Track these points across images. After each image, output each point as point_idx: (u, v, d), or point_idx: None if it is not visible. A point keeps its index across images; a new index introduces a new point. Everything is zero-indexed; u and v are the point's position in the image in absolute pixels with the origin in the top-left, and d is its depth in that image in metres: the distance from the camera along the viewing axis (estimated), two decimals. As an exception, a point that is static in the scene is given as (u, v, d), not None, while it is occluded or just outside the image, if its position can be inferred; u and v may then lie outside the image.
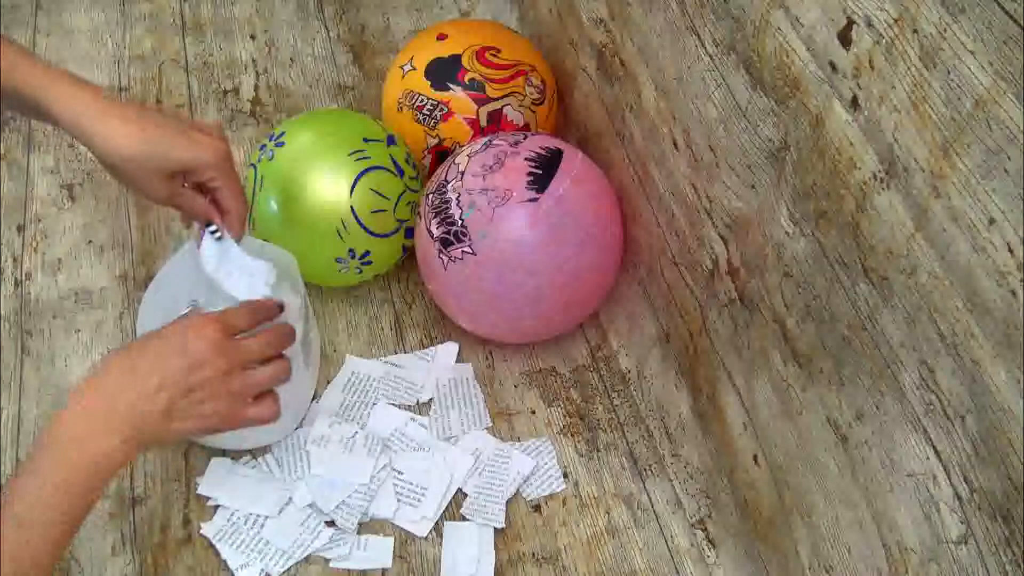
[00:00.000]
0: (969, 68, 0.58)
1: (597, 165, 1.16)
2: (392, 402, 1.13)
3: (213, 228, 0.94)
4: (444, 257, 1.08)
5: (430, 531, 1.03)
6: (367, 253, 1.15)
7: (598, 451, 1.12)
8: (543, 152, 1.10)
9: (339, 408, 1.12)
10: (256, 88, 1.49)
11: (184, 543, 1.01)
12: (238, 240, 0.95)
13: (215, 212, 0.94)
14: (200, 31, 1.57)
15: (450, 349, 1.19)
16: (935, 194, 0.63)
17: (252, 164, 1.17)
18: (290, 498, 1.03)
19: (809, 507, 0.86)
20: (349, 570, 1.00)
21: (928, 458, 0.68)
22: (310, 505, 1.03)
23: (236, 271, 0.95)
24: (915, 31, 0.62)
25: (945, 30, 0.59)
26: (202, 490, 1.04)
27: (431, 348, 1.19)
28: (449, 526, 1.03)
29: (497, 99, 1.24)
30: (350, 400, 1.13)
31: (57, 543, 0.79)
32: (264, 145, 1.16)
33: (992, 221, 0.58)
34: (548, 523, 1.05)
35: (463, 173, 1.09)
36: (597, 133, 1.24)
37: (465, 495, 1.06)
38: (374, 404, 1.13)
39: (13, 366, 1.15)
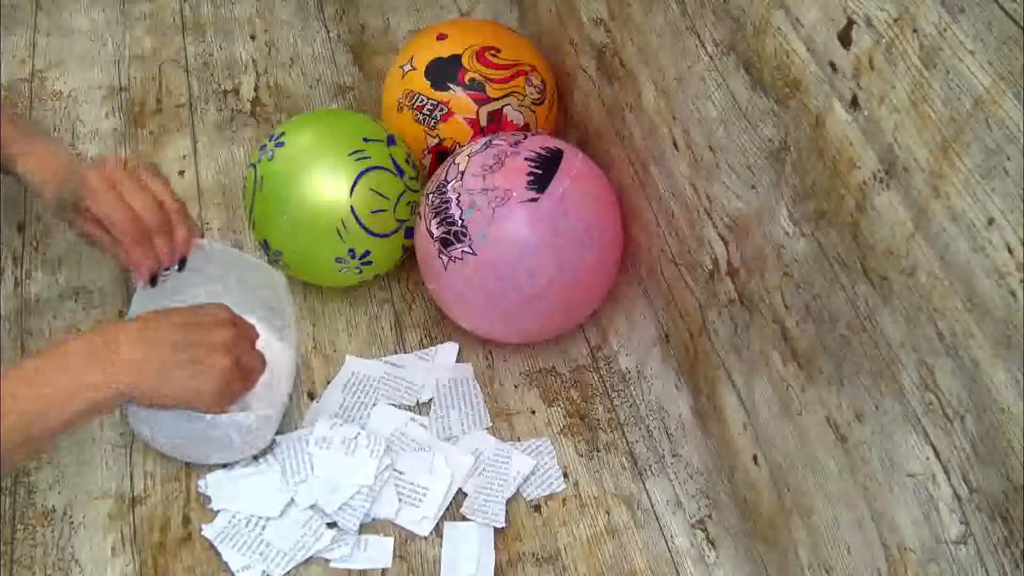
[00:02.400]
0: (969, 68, 0.58)
1: (597, 165, 1.16)
2: (392, 402, 1.13)
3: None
4: (444, 257, 1.08)
5: (431, 531, 1.03)
6: (367, 253, 1.15)
7: (598, 451, 1.12)
8: (543, 152, 1.10)
9: (339, 408, 1.12)
10: (256, 88, 1.49)
11: (184, 543, 1.01)
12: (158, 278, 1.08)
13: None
14: (200, 31, 1.57)
15: (450, 349, 1.19)
16: (935, 194, 0.63)
17: (252, 164, 1.16)
18: (292, 499, 1.03)
19: (809, 507, 0.86)
20: (349, 570, 1.00)
21: (928, 458, 0.68)
22: (312, 507, 1.03)
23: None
24: (915, 31, 0.62)
25: (945, 30, 0.60)
26: (203, 492, 1.04)
27: (431, 348, 1.19)
28: (449, 526, 1.03)
29: (497, 99, 1.24)
30: (350, 400, 1.13)
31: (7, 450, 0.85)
32: (264, 145, 1.16)
33: (992, 221, 0.58)
34: (548, 523, 1.05)
35: (463, 173, 1.09)
36: (597, 133, 1.25)
37: (465, 495, 1.06)
38: (374, 404, 1.13)
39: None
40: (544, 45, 1.39)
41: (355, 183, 1.12)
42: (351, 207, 1.12)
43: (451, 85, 1.23)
